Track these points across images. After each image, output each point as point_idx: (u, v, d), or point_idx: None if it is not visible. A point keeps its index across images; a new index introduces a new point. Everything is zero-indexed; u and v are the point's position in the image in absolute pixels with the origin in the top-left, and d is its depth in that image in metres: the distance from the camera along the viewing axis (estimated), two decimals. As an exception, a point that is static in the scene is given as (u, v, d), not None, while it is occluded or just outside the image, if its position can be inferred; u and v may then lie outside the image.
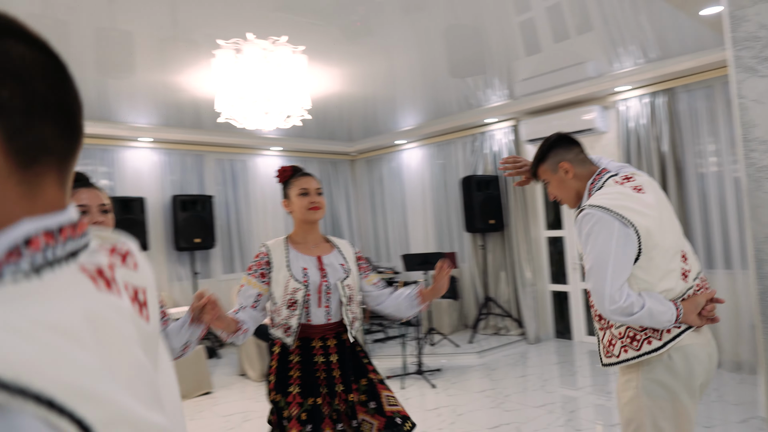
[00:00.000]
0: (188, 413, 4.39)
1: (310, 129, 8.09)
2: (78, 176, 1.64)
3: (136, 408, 0.46)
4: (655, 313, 1.61)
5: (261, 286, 2.09)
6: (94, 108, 6.25)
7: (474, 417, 4.00)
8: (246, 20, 5.95)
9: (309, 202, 2.14)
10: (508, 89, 6.51)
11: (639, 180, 1.80)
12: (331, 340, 2.12)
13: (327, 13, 6.91)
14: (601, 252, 1.65)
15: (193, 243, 6.52)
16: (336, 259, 2.19)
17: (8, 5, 3.16)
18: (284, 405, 2.05)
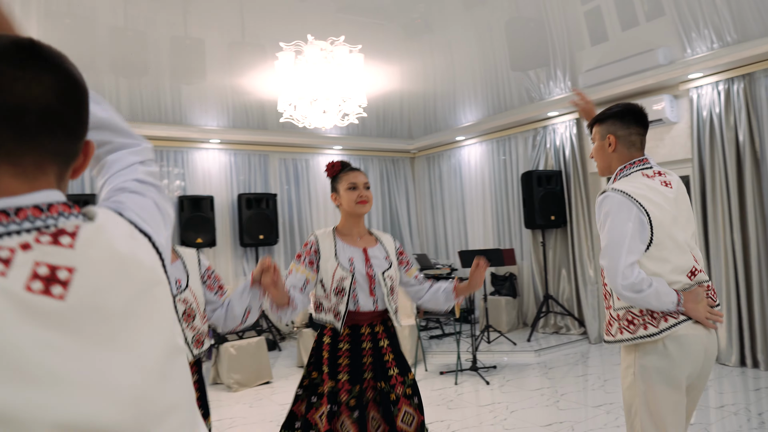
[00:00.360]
0: (248, 400, 4.61)
1: (370, 127, 8.22)
2: None
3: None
4: (662, 294, 1.69)
5: (309, 272, 2.17)
6: (169, 112, 6.68)
7: (527, 414, 3.93)
8: (309, 22, 6.16)
9: (357, 196, 2.21)
10: (571, 81, 6.31)
11: (670, 178, 1.90)
12: (378, 327, 2.19)
13: (389, 11, 7.01)
14: (618, 231, 1.73)
15: (258, 239, 6.81)
16: (380, 252, 2.26)
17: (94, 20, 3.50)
18: (320, 381, 2.12)
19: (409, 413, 2.14)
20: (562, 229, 6.47)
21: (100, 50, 5.89)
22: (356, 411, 2.07)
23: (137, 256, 0.74)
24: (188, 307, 1.75)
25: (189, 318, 1.75)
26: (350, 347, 2.13)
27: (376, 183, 8.38)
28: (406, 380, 2.17)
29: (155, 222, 0.84)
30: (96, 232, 0.70)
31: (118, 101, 6.31)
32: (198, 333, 1.78)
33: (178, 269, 1.81)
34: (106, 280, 0.68)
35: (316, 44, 4.62)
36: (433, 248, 8.45)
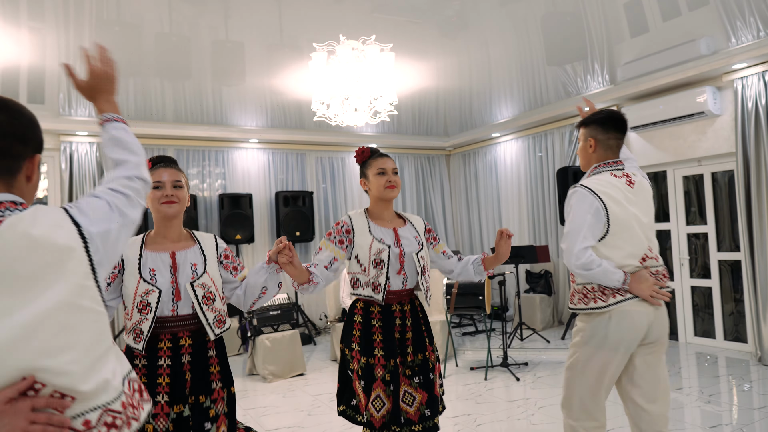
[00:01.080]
0: (281, 391, 4.76)
1: (406, 125, 8.27)
2: (162, 158, 1.97)
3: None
4: (608, 273, 2.03)
5: (337, 250, 2.23)
6: (210, 114, 6.94)
7: (556, 410, 3.90)
8: (345, 23, 6.28)
9: (386, 181, 2.27)
10: (609, 74, 6.17)
11: (636, 178, 2.20)
12: (406, 305, 2.25)
13: (423, 10, 7.05)
14: (578, 221, 2.07)
15: (294, 236, 6.99)
16: (410, 232, 2.32)
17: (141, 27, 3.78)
18: (351, 358, 2.21)
19: (409, 393, 2.20)
20: (600, 226, 6.33)
21: (146, 55, 6.19)
22: (391, 385, 2.14)
23: (51, 238, 1.01)
24: (207, 291, 1.83)
25: (209, 301, 1.83)
26: (383, 324, 2.19)
27: (411, 181, 8.43)
28: (414, 360, 2.23)
29: (98, 217, 1.12)
30: (15, 221, 1.00)
31: (164, 103, 6.61)
32: (219, 314, 1.86)
33: (195, 254, 1.89)
34: (14, 253, 0.96)
35: (348, 44, 4.72)
36: (468, 245, 8.43)
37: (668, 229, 5.94)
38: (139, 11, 6.01)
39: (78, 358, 1.01)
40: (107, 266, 1.13)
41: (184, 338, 1.81)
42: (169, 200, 1.86)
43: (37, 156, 1.13)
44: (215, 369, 1.86)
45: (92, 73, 1.34)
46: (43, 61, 5.70)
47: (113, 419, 1.04)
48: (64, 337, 0.99)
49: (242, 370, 5.46)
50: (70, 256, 1.03)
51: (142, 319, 1.76)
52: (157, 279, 1.79)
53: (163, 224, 1.90)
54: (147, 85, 6.44)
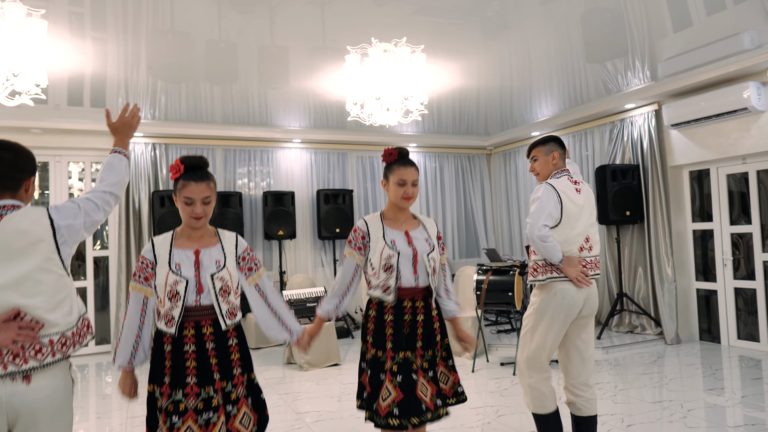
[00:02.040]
0: (316, 379, 4.99)
1: (446, 124, 8.37)
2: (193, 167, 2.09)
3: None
4: (555, 249, 2.64)
5: (358, 257, 2.41)
6: (256, 115, 7.30)
7: (579, 406, 3.92)
8: (387, 25, 6.46)
9: (404, 192, 2.40)
10: (650, 70, 6.06)
11: (581, 186, 2.80)
12: (419, 302, 2.38)
13: (463, 11, 7.14)
14: (544, 205, 2.68)
15: (335, 232, 7.24)
16: (421, 234, 2.44)
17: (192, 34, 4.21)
18: (366, 350, 2.37)
19: (445, 374, 2.35)
20: (639, 225, 6.23)
21: (197, 61, 6.59)
22: (399, 376, 2.26)
23: (30, 229, 1.65)
24: (224, 284, 2.03)
25: (224, 293, 2.03)
26: (394, 318, 2.33)
27: (451, 180, 8.52)
28: (442, 344, 2.38)
29: (67, 215, 1.75)
30: (10, 217, 1.66)
31: (213, 106, 7.01)
32: (231, 306, 2.06)
33: (217, 251, 2.10)
34: (8, 237, 1.62)
35: (380, 46, 4.89)
36: (508, 244, 8.43)
37: (711, 229, 5.78)
38: (191, 20, 6.41)
39: (46, 300, 1.65)
40: (71, 245, 1.76)
41: (206, 326, 2.01)
42: (197, 216, 2.06)
43: (31, 177, 1.80)
44: (236, 356, 2.05)
45: (121, 120, 2.07)
46: (105, 68, 6.19)
47: (65, 341, 1.69)
48: (37, 287, 1.64)
49: (281, 359, 5.74)
50: (41, 240, 1.67)
51: (173, 306, 1.98)
52: (181, 271, 2.01)
53: (190, 230, 2.12)
54: (197, 88, 6.85)
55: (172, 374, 1.95)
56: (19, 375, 1.61)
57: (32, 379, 1.63)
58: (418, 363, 2.32)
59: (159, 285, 2.01)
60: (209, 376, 1.96)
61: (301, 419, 3.89)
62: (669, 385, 4.34)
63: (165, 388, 1.94)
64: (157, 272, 2.02)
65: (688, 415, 3.64)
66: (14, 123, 6.03)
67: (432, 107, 8.17)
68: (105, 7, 5.83)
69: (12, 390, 1.60)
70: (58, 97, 6.19)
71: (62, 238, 1.71)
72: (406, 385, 2.24)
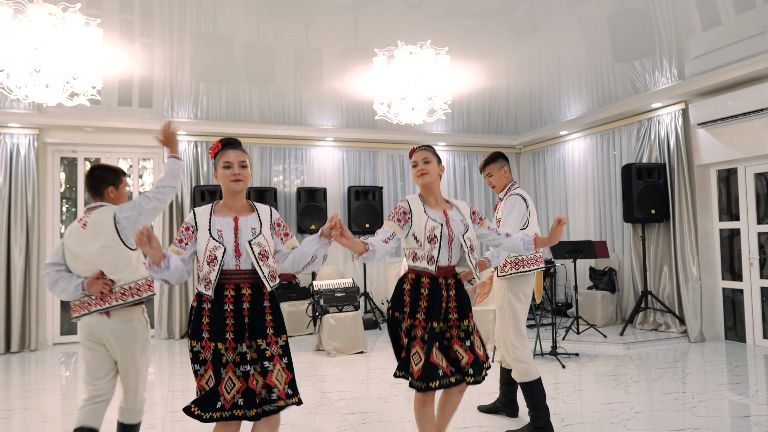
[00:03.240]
0: (342, 365, 5.27)
1: (475, 124, 8.53)
2: (229, 141, 2.38)
3: None
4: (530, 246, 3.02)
5: (396, 227, 2.61)
6: (291, 115, 7.64)
7: (592, 394, 4.06)
8: (417, 29, 6.69)
9: (418, 170, 2.67)
10: (678, 69, 6.09)
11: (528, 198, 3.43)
12: (450, 279, 2.61)
13: (492, 13, 7.30)
14: (520, 214, 3.29)
15: (364, 227, 7.50)
16: (457, 215, 2.67)
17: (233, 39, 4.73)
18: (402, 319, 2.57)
19: (459, 352, 2.55)
20: (665, 223, 6.25)
21: (236, 63, 6.98)
22: (427, 344, 2.49)
23: (101, 220, 2.61)
24: (262, 249, 2.26)
25: (263, 257, 2.26)
26: (430, 292, 2.56)
27: (480, 178, 8.66)
28: (461, 325, 2.59)
29: (126, 209, 2.63)
30: (95, 212, 2.66)
31: (251, 106, 7.39)
32: (271, 269, 2.28)
33: (254, 220, 2.33)
34: (93, 225, 2.61)
35: (406, 48, 5.12)
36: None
37: (737, 228, 5.77)
38: (231, 25, 6.79)
39: (110, 266, 2.57)
40: (131, 231, 2.61)
41: (244, 288, 2.24)
42: (237, 178, 2.29)
43: (110, 186, 2.74)
44: (269, 318, 2.28)
45: (166, 134, 2.76)
46: (152, 71, 6.64)
47: (127, 292, 2.59)
48: (104, 258, 2.57)
49: (311, 347, 6.05)
50: (109, 227, 2.59)
51: (210, 270, 2.19)
52: (223, 238, 2.24)
53: (230, 197, 2.33)
54: (236, 89, 7.24)
55: (210, 330, 2.18)
56: (102, 312, 2.58)
57: (111, 315, 2.59)
58: (454, 333, 2.56)
59: (199, 250, 2.22)
60: (243, 334, 2.20)
61: (326, 397, 4.16)
62: (685, 379, 4.42)
63: (205, 342, 2.18)
64: (198, 238, 2.23)
65: (698, 405, 3.73)
66: (72, 122, 6.55)
67: (462, 107, 8.35)
68: (153, 14, 6.27)
69: (98, 321, 2.58)
70: (109, 98, 6.68)
71: (120, 225, 2.59)
72: (429, 353, 2.47)
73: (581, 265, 7.38)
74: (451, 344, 2.56)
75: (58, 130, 6.69)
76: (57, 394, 4.50)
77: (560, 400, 3.95)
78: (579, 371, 4.75)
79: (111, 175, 2.75)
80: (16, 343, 6.19)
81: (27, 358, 5.94)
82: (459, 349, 2.55)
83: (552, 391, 4.16)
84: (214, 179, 7.31)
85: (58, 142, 6.77)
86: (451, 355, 2.56)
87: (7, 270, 6.24)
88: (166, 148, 2.78)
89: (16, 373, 5.28)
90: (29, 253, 6.33)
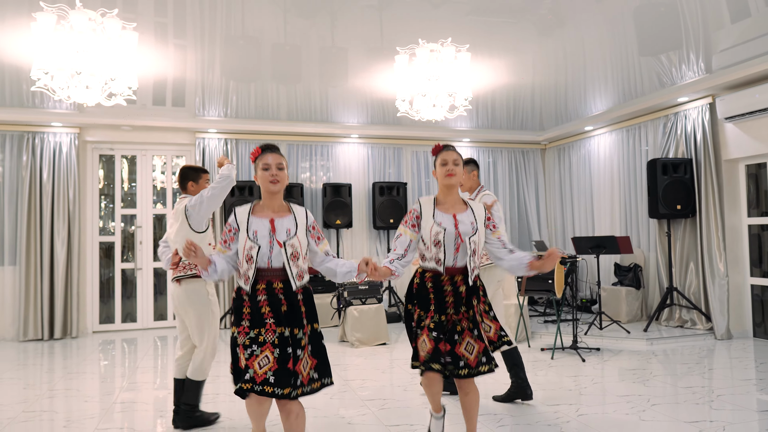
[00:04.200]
0: (365, 355, 5.42)
1: (500, 119, 8.55)
2: (268, 146, 2.58)
3: None
4: None
5: (412, 234, 2.75)
6: (317, 112, 7.82)
7: (609, 386, 4.10)
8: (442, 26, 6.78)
9: (446, 170, 2.76)
10: (705, 63, 6.01)
11: None
12: (458, 277, 2.72)
13: (518, 10, 7.32)
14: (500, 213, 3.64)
15: (389, 222, 7.63)
16: (467, 218, 2.76)
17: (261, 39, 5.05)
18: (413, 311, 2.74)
19: (471, 343, 2.67)
20: (692, 219, 6.18)
21: (264, 63, 7.19)
22: (434, 332, 2.64)
23: (178, 208, 3.37)
24: (294, 250, 2.44)
25: (294, 258, 2.44)
26: (434, 288, 2.70)
27: (504, 174, 8.69)
28: (468, 315, 2.70)
29: (194, 199, 3.30)
30: (179, 202, 3.44)
31: (278, 104, 7.60)
32: (300, 270, 2.47)
33: (290, 221, 2.50)
34: (175, 212, 3.39)
35: (427, 46, 5.22)
36: (561, 239, 8.49)
37: (766, 224, 5.67)
38: (260, 26, 7.01)
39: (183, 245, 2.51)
40: (197, 219, 3.30)
41: (276, 283, 2.42)
42: (274, 179, 2.47)
43: (191, 181, 3.50)
44: (303, 309, 2.46)
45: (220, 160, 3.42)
46: (185, 72, 6.91)
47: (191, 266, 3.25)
48: (179, 238, 3.30)
49: (336, 338, 6.21)
50: (182, 214, 3.31)
51: (248, 267, 2.41)
52: (258, 238, 2.42)
53: (268, 197, 2.51)
54: (265, 88, 7.46)
55: (251, 319, 2.38)
56: (175, 280, 3.30)
57: (180, 283, 3.27)
58: (464, 325, 2.67)
59: (240, 249, 2.43)
60: (281, 320, 2.38)
61: (348, 385, 4.31)
62: (709, 374, 4.40)
63: (242, 329, 2.37)
64: (239, 237, 2.45)
65: (716, 399, 3.73)
66: (109, 121, 6.88)
67: (486, 103, 8.38)
68: (185, 17, 6.53)
69: (173, 288, 3.32)
70: (144, 97, 6.98)
71: (188, 212, 3.28)
72: (438, 340, 2.62)
73: (607, 262, 7.35)
74: (463, 338, 2.66)
75: (96, 129, 7.03)
76: (96, 376, 4.78)
77: (576, 391, 4.00)
78: (598, 365, 4.78)
79: (192, 173, 3.51)
80: (59, 330, 6.55)
81: (69, 344, 6.28)
82: (471, 341, 2.66)
83: (568, 381, 4.22)
84: (243, 174, 7.59)
85: (97, 140, 7.11)
86: (462, 349, 2.65)
87: (51, 261, 6.61)
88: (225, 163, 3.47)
89: (59, 357, 5.61)
90: (71, 246, 6.68)
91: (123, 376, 4.80)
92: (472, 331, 2.67)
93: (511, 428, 3.30)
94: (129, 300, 7.29)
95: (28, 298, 6.50)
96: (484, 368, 2.64)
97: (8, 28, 5.86)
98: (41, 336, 6.50)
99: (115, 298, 7.19)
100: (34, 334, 6.49)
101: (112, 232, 7.33)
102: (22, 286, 6.50)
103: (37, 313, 6.50)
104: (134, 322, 7.24)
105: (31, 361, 5.44)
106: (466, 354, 2.64)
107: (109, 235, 7.32)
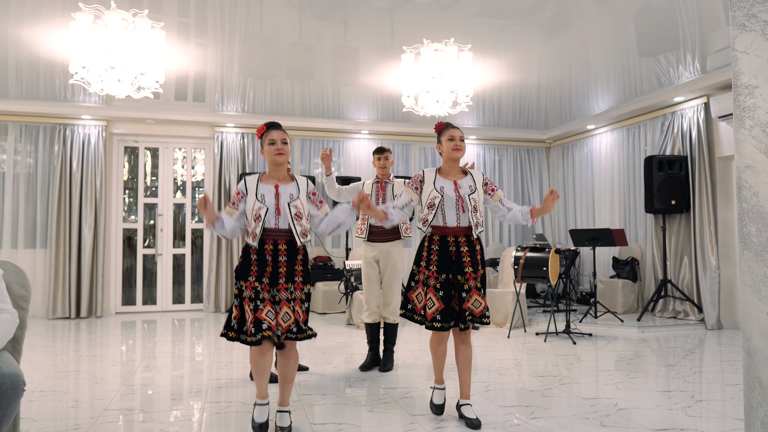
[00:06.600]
0: (370, 334, 5.75)
1: (506, 118, 8.85)
2: (272, 124, 2.94)
3: None
4: None
5: (413, 194, 3.10)
6: (329, 109, 8.19)
7: (597, 364, 4.39)
8: (451, 28, 7.11)
9: (454, 145, 3.10)
10: (700, 63, 6.26)
11: None
12: (461, 237, 3.06)
13: (525, 12, 7.62)
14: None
15: (396, 215, 7.97)
16: (467, 182, 3.12)
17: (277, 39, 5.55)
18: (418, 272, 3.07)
19: (478, 300, 3.00)
20: (686, 214, 6.43)
21: (280, 61, 7.58)
22: (441, 291, 2.98)
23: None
24: (297, 211, 2.82)
25: (298, 218, 2.82)
26: (438, 248, 3.04)
27: (509, 172, 8.98)
28: (477, 276, 3.04)
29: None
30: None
31: (293, 100, 7.98)
32: (303, 228, 2.84)
33: (293, 187, 2.89)
34: None
35: (431, 46, 5.56)
36: (564, 235, 8.76)
37: (756, 219, 5.90)
38: (276, 26, 7.40)
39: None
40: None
41: (281, 243, 2.80)
42: (280, 152, 2.85)
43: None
44: (299, 268, 2.83)
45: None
46: (205, 68, 7.33)
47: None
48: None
49: (343, 322, 6.56)
50: None
51: (256, 225, 2.78)
52: (265, 200, 2.80)
53: (274, 168, 2.89)
54: (280, 85, 7.85)
55: (257, 273, 2.74)
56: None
57: None
58: (472, 284, 2.99)
59: (248, 209, 2.81)
60: (276, 280, 2.75)
61: (352, 359, 4.66)
62: (689, 356, 4.67)
63: (248, 283, 2.74)
64: (247, 200, 2.82)
65: (692, 375, 4.01)
66: (134, 115, 7.32)
67: (493, 101, 8.69)
68: (206, 17, 6.94)
69: None
70: (167, 92, 7.41)
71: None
72: (446, 299, 2.96)
73: (606, 256, 7.61)
74: (470, 295, 2.97)
75: (122, 122, 7.48)
76: (118, 351, 5.20)
77: (563, 367, 4.30)
78: (588, 347, 5.06)
79: None
80: (85, 309, 7.00)
81: (93, 323, 6.72)
82: (478, 298, 2.98)
83: (557, 360, 4.52)
84: (258, 167, 7.97)
85: (123, 133, 7.56)
86: (470, 305, 2.96)
87: (78, 245, 7.06)
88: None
89: (85, 334, 6.04)
90: (97, 231, 7.13)
91: (144, 348, 5.21)
92: (480, 290, 3.00)
93: (498, 393, 3.61)
94: (149, 284, 7.73)
95: (57, 279, 6.95)
96: (486, 320, 2.99)
97: (44, 27, 6.32)
98: (68, 314, 6.96)
99: (136, 282, 7.63)
100: (62, 312, 6.95)
101: (135, 220, 7.78)
102: (52, 267, 6.96)
103: (65, 293, 6.96)
104: (154, 304, 7.67)
105: (59, 335, 5.88)
106: (473, 308, 2.96)
107: (132, 222, 7.77)
